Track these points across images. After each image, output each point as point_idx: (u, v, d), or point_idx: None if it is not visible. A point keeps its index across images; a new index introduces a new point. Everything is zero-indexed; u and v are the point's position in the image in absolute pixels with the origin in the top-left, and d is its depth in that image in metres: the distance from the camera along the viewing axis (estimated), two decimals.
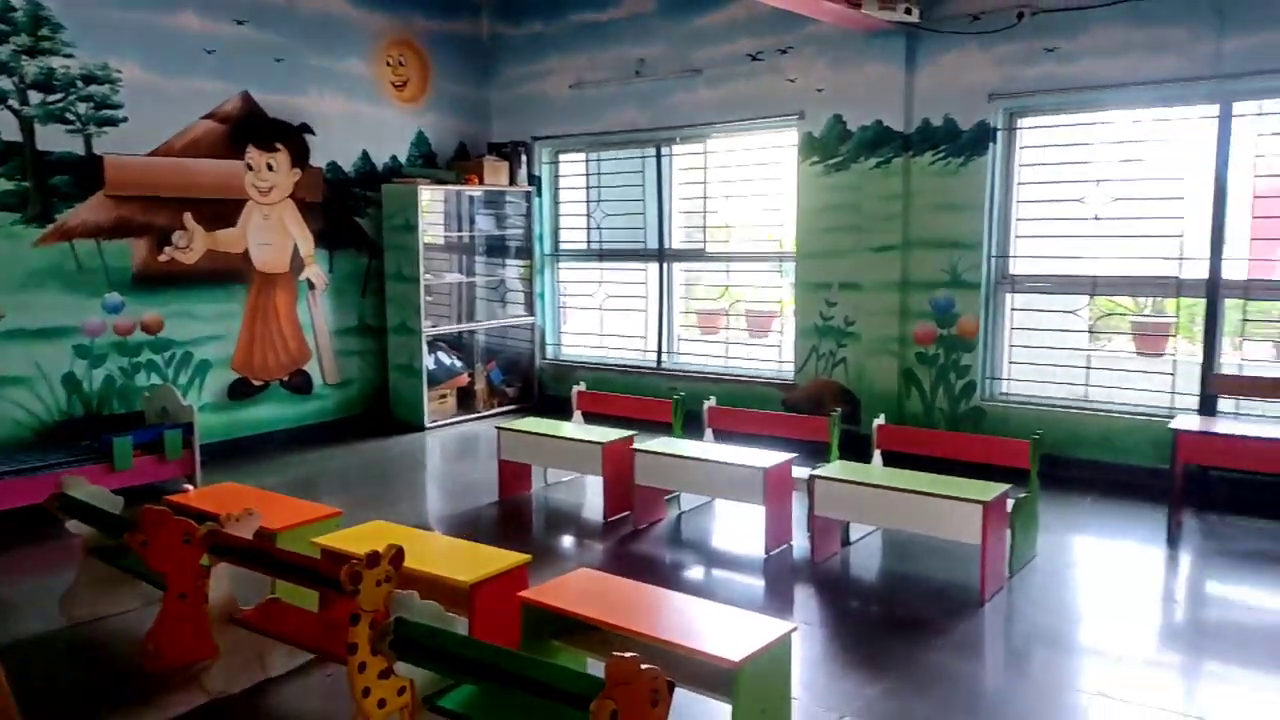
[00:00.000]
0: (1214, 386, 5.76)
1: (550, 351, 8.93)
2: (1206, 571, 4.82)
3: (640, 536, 5.24)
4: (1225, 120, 5.70)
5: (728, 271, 8.11)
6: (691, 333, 8.55)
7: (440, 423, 7.99)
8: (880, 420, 5.36)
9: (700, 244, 8.13)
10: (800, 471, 5.02)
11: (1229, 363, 5.92)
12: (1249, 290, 5.81)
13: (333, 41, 7.63)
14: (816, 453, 5.42)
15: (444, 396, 8.13)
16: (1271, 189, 5.76)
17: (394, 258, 7.91)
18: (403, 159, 8.20)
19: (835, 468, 4.89)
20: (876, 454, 5.27)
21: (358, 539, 3.71)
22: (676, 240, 8.25)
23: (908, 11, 6.10)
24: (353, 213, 7.90)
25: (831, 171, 6.98)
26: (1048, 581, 4.57)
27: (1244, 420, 5.66)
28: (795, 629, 3.07)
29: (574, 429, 5.98)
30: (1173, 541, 5.08)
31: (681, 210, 8.31)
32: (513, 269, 8.77)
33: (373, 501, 5.87)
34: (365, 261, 8.00)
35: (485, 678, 2.68)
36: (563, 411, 6.58)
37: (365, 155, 7.93)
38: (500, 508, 5.81)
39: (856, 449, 5.50)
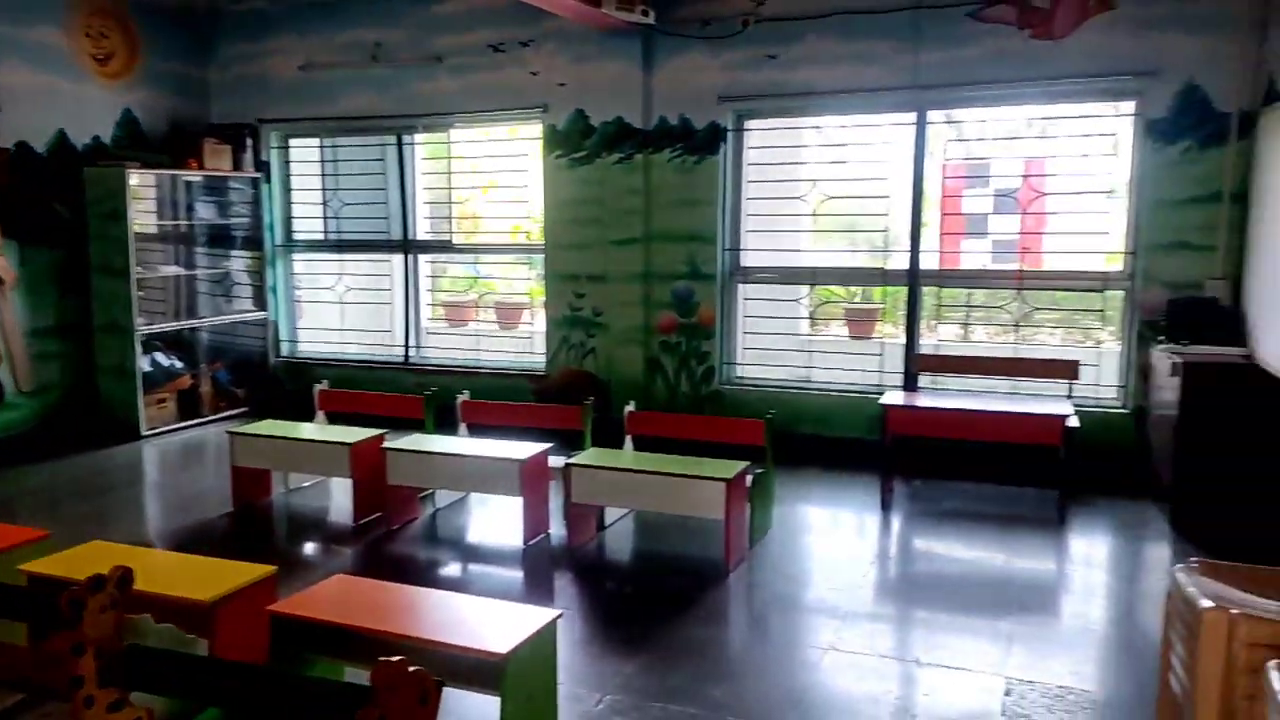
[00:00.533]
0: (915, 365, 6.47)
1: (285, 349, 8.43)
2: (915, 531, 5.41)
3: (395, 537, 5.10)
4: (921, 127, 6.40)
5: (476, 263, 8.02)
6: (440, 326, 8.39)
7: (160, 430, 7.32)
8: (630, 407, 5.56)
9: (447, 235, 7.99)
10: (556, 461, 5.10)
11: (926, 344, 6.67)
12: (941, 279, 6.58)
13: (18, 7, 6.72)
14: (571, 441, 5.51)
15: (163, 401, 7.45)
16: (956, 189, 6.56)
17: (100, 249, 7.13)
18: (107, 140, 7.40)
19: (589, 455, 5.01)
20: (628, 440, 5.46)
21: (74, 562, 3.34)
22: (421, 231, 8.06)
23: (644, 13, 6.32)
24: (48, 199, 7.03)
25: (576, 165, 7.09)
26: (783, 550, 4.95)
27: (940, 394, 6.40)
28: (560, 616, 3.13)
29: (317, 430, 5.71)
30: (886, 506, 5.66)
31: (426, 200, 8.13)
32: (239, 261, 8.17)
33: (86, 520, 5.29)
34: (64, 253, 7.15)
35: (231, 700, 2.51)
36: (303, 412, 6.25)
37: (62, 135, 7.08)
38: (236, 518, 5.44)
39: (609, 436, 5.66)
